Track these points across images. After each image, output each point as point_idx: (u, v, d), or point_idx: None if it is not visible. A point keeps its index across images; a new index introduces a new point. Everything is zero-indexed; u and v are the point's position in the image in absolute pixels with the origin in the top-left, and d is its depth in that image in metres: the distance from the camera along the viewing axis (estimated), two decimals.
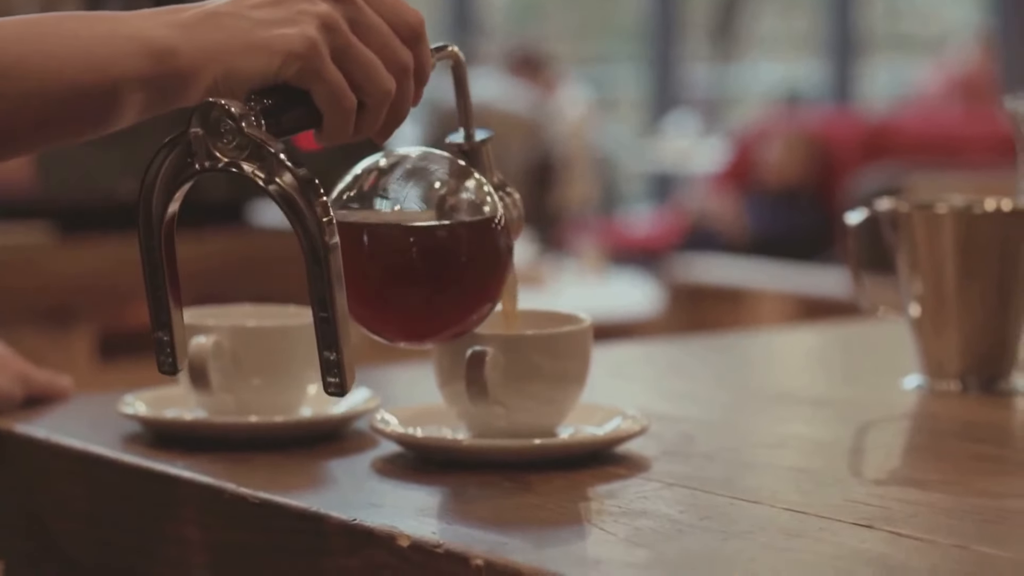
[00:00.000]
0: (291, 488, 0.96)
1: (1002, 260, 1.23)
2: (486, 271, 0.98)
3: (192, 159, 0.91)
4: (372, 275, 0.97)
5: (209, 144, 0.90)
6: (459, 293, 0.98)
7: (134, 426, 1.11)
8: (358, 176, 1.00)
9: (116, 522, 1.05)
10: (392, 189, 0.99)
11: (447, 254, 0.97)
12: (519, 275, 1.04)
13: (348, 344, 0.90)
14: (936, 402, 1.23)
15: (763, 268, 4.50)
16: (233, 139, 0.90)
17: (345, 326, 0.90)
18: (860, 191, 4.83)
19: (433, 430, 1.05)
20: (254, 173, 0.90)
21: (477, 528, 0.88)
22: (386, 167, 1.00)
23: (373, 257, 0.97)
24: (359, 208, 0.98)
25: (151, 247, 0.93)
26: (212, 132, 0.90)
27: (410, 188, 0.99)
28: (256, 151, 0.89)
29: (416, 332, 1.00)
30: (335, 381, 0.90)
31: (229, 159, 0.90)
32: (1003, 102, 1.34)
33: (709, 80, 8.13)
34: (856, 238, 1.29)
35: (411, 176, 0.99)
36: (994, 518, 0.90)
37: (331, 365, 0.90)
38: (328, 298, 0.89)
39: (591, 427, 1.05)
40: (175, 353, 0.94)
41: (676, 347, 1.66)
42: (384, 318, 0.99)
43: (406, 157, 1.00)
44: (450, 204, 0.98)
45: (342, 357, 0.90)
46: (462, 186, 0.99)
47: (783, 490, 0.95)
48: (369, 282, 0.97)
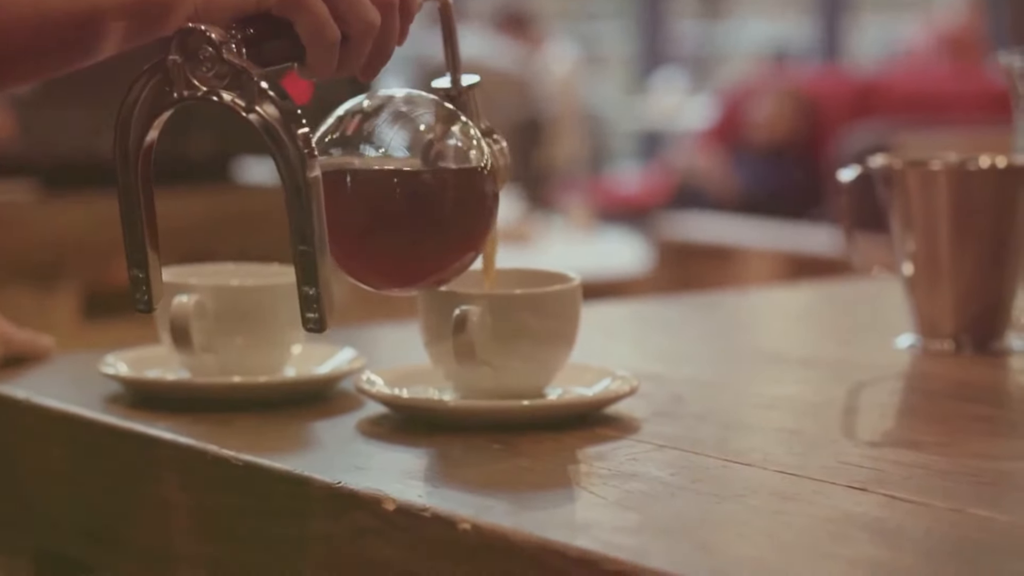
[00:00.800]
0: (274, 450, 0.94)
1: (997, 217, 1.22)
2: (472, 219, 0.96)
3: (171, 88, 0.89)
4: (356, 221, 0.94)
5: (188, 72, 0.88)
6: (444, 240, 0.96)
7: (116, 387, 1.09)
8: (341, 118, 0.97)
9: (96, 484, 1.03)
10: (377, 133, 0.96)
11: (432, 201, 0.95)
12: (505, 232, 1.03)
13: (328, 279, 0.88)
14: (929, 362, 1.21)
15: (751, 226, 4.49)
16: (212, 67, 0.88)
17: (325, 260, 0.88)
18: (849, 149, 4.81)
19: (419, 391, 1.03)
20: (234, 102, 0.88)
21: (464, 491, 0.86)
22: (370, 109, 0.97)
23: (357, 203, 0.94)
24: (342, 152, 0.96)
25: (127, 180, 0.90)
26: (191, 59, 0.88)
27: (395, 133, 0.96)
28: (236, 79, 0.88)
29: (399, 278, 0.98)
30: (314, 317, 0.88)
31: (208, 88, 0.88)
32: (997, 57, 1.32)
33: (697, 37, 8.10)
34: (848, 195, 1.27)
35: (396, 120, 0.97)
36: (990, 480, 0.88)
37: (310, 300, 0.88)
38: (308, 231, 0.87)
39: (580, 388, 1.04)
40: (151, 291, 0.92)
41: (665, 306, 1.64)
42: (367, 264, 0.97)
43: (391, 99, 0.97)
44: (436, 150, 0.96)
45: (321, 292, 0.88)
46: (449, 131, 0.96)
47: (775, 452, 0.94)
48: (353, 228, 0.94)
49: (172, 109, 0.89)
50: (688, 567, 0.72)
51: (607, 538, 0.77)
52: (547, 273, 1.05)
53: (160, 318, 1.07)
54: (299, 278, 0.88)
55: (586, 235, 4.90)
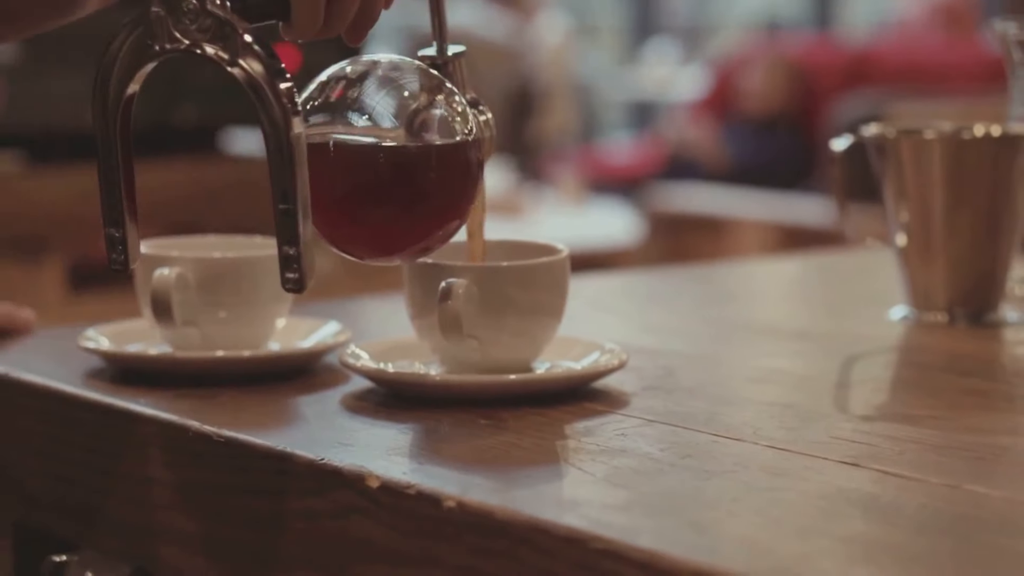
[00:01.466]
0: (257, 426, 0.93)
1: (991, 187, 1.20)
2: (457, 191, 0.94)
3: (152, 41, 0.87)
4: (339, 191, 0.92)
5: (171, 25, 0.86)
6: (428, 211, 0.94)
7: (98, 361, 1.07)
8: (325, 84, 0.95)
9: (77, 460, 1.01)
10: (360, 101, 0.94)
11: (416, 172, 0.93)
12: (496, 204, 1.01)
13: (309, 238, 0.86)
14: (923, 334, 1.20)
15: (743, 196, 4.47)
16: (196, 19, 0.86)
17: (306, 220, 0.86)
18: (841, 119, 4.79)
19: (405, 365, 1.01)
20: (217, 55, 0.86)
21: (449, 468, 0.85)
22: (354, 76, 0.95)
23: (340, 173, 0.92)
24: (325, 120, 0.93)
25: (106, 135, 0.88)
26: (174, 12, 0.86)
27: (379, 101, 0.94)
28: (220, 32, 0.85)
29: (382, 248, 0.96)
30: (294, 277, 0.86)
31: (191, 41, 0.86)
32: (992, 25, 1.31)
33: (689, 8, 8.07)
34: (841, 165, 1.26)
35: (381, 87, 0.94)
36: (985, 455, 0.86)
37: (290, 260, 0.86)
38: (290, 189, 0.85)
39: (568, 362, 1.02)
40: (127, 250, 0.90)
41: (656, 278, 1.63)
42: (350, 234, 0.94)
43: (376, 65, 0.95)
44: (421, 119, 0.94)
45: (302, 251, 0.86)
46: (434, 100, 0.94)
47: (766, 427, 0.92)
48: (335, 198, 0.92)
49: (154, 62, 0.87)
50: (678, 545, 0.71)
51: (595, 516, 0.75)
52: (535, 245, 1.03)
53: (141, 291, 1.05)
54: (280, 237, 0.86)
55: (577, 206, 4.88)
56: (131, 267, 0.90)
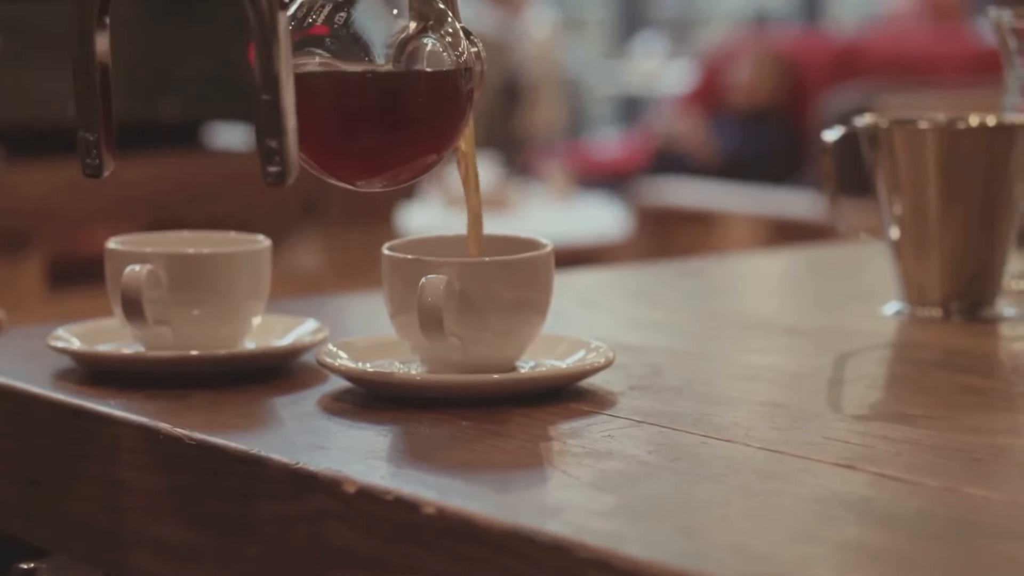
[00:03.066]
0: (230, 428, 0.90)
1: (987, 179, 1.17)
2: (445, 118, 0.92)
3: None
4: (327, 118, 0.90)
5: None
6: (416, 138, 0.92)
7: (68, 361, 1.04)
8: (309, 6, 0.91)
9: (45, 463, 0.98)
10: (349, 25, 0.91)
11: (406, 100, 0.91)
12: (484, 198, 0.99)
13: (292, 130, 0.83)
14: (917, 330, 1.17)
15: (732, 190, 4.44)
16: None
17: (290, 110, 0.83)
18: (830, 112, 4.77)
19: (384, 364, 0.98)
20: None
21: (429, 472, 0.82)
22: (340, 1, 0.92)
23: (328, 100, 0.90)
24: (312, 44, 0.91)
25: (83, 25, 0.85)
26: None
27: (368, 25, 0.91)
28: None
29: (368, 172, 0.94)
30: (276, 171, 0.83)
31: None
32: (986, 14, 1.28)
33: (676, 0, 8.04)
34: (833, 157, 1.23)
35: (370, 10, 0.92)
36: (984, 457, 0.84)
37: (272, 153, 0.83)
38: (273, 78, 0.82)
39: (553, 360, 0.99)
40: (102, 155, 0.86)
41: (645, 273, 1.59)
42: (337, 159, 0.92)
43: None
44: (412, 47, 0.91)
45: (285, 143, 0.83)
46: (426, 26, 0.91)
47: (758, 427, 0.89)
48: (324, 124, 0.90)
49: None
50: (667, 553, 0.68)
51: (580, 522, 0.72)
52: (518, 239, 1.00)
53: (112, 289, 1.02)
54: (260, 129, 0.83)
55: (565, 201, 4.86)
56: (105, 173, 0.86)
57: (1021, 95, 1.26)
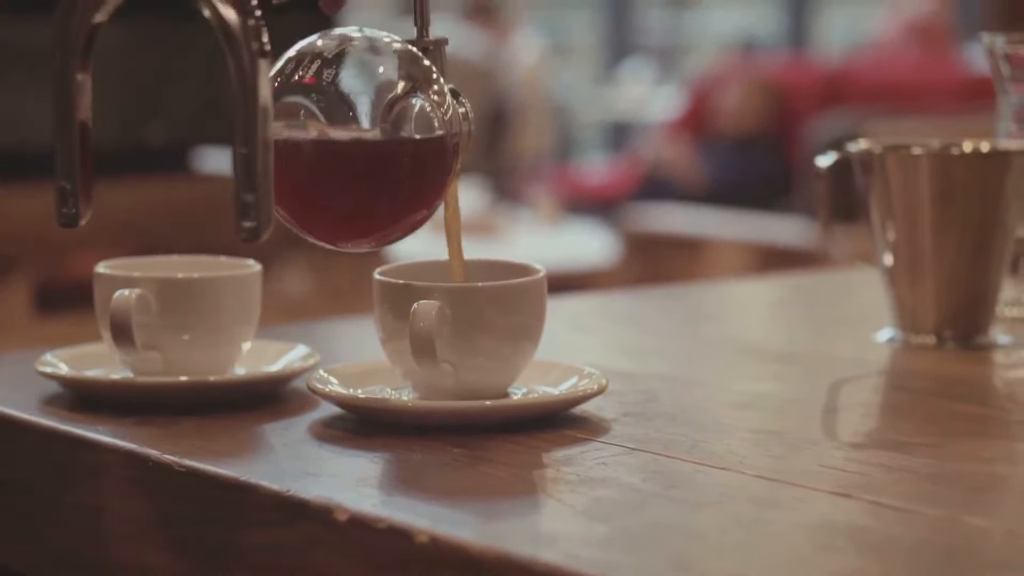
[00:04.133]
0: (220, 455, 0.89)
1: (980, 205, 1.16)
2: (432, 183, 0.92)
3: None
4: (312, 182, 0.90)
5: None
6: (401, 203, 0.91)
7: (56, 387, 1.03)
8: (296, 61, 0.91)
9: (31, 489, 0.97)
10: (335, 86, 0.90)
11: (392, 168, 0.90)
12: (471, 224, 0.98)
13: (268, 185, 0.82)
14: (911, 357, 1.16)
15: (720, 217, 4.44)
16: None
17: (267, 164, 0.82)
18: (817, 138, 4.77)
19: (376, 391, 0.97)
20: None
21: (421, 500, 0.81)
22: (329, 55, 0.91)
23: (314, 164, 0.90)
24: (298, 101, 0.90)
25: (65, 70, 0.84)
26: None
27: (355, 88, 0.90)
28: None
29: (352, 236, 0.93)
30: (250, 226, 0.82)
31: None
32: (980, 40, 1.27)
33: (664, 27, 8.05)
34: (826, 183, 1.22)
35: (357, 72, 0.91)
36: (982, 485, 0.83)
37: (248, 208, 0.82)
38: (252, 131, 0.81)
39: (546, 387, 0.98)
40: (79, 204, 0.85)
41: (634, 299, 1.59)
42: (320, 221, 0.92)
43: (352, 43, 0.91)
44: (399, 110, 0.90)
45: (261, 198, 0.81)
46: (413, 89, 0.91)
47: (753, 455, 0.88)
48: (308, 188, 0.90)
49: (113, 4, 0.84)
50: None
51: (575, 551, 0.71)
52: (511, 264, 1.00)
53: (100, 314, 1.01)
54: (237, 184, 0.82)
55: (553, 227, 4.85)
56: (81, 222, 0.86)
57: (1014, 121, 1.25)
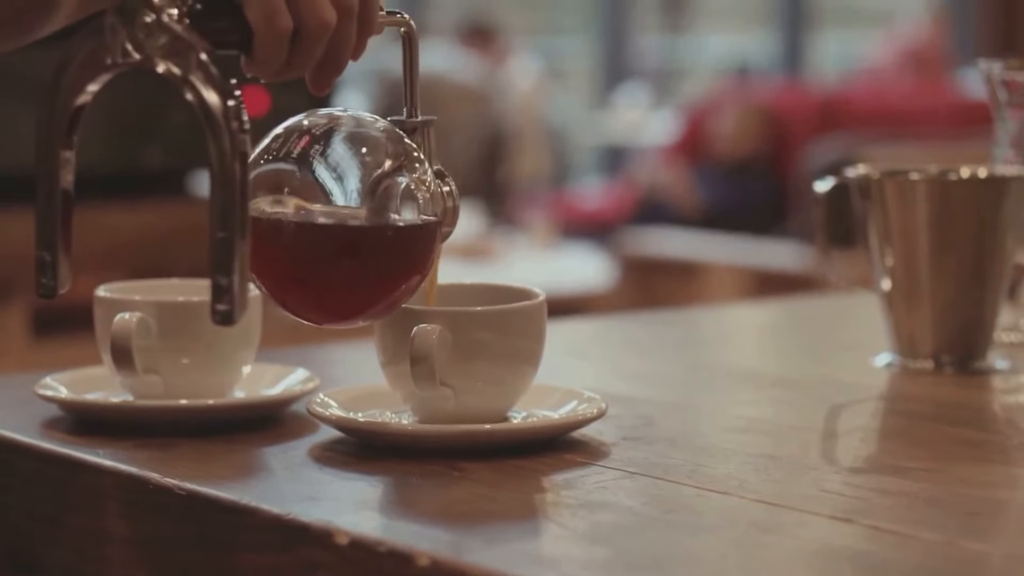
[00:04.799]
0: (220, 478, 0.89)
1: (978, 231, 1.17)
2: (416, 265, 0.93)
3: (106, 53, 0.84)
4: (295, 264, 0.91)
5: (126, 38, 0.83)
6: (385, 285, 0.92)
7: (55, 410, 1.03)
8: (283, 138, 0.92)
9: (31, 512, 0.97)
10: (321, 167, 0.91)
11: (376, 253, 0.91)
12: (467, 248, 0.99)
13: (245, 268, 0.82)
14: (909, 382, 1.16)
15: (716, 241, 4.45)
16: (151, 34, 0.83)
17: (244, 248, 0.82)
18: (813, 163, 4.78)
19: (376, 414, 0.97)
20: (169, 71, 0.83)
21: (422, 523, 0.81)
22: (317, 133, 0.91)
23: (297, 247, 0.91)
24: (283, 179, 0.90)
25: (49, 145, 0.85)
26: (130, 24, 0.83)
27: (340, 168, 0.91)
28: (174, 48, 0.82)
29: (336, 316, 0.94)
30: (224, 309, 0.82)
31: (144, 55, 0.83)
32: (977, 64, 1.28)
33: (660, 51, 8.07)
34: (824, 208, 1.22)
35: (343, 152, 0.91)
36: (981, 510, 0.83)
37: (222, 291, 0.82)
38: (230, 216, 0.82)
39: (545, 410, 0.98)
40: (58, 275, 0.86)
41: (631, 323, 1.59)
42: (305, 302, 0.93)
43: (339, 123, 0.92)
44: (383, 192, 0.91)
45: (235, 280, 0.82)
46: (398, 171, 0.91)
47: (753, 479, 0.88)
48: (291, 270, 0.91)
49: (107, 75, 0.85)
50: None
51: (576, 574, 0.71)
52: (510, 288, 1.00)
53: (101, 337, 1.01)
54: (213, 266, 0.82)
55: (549, 251, 4.85)
56: (59, 293, 0.87)
57: (1011, 147, 1.26)
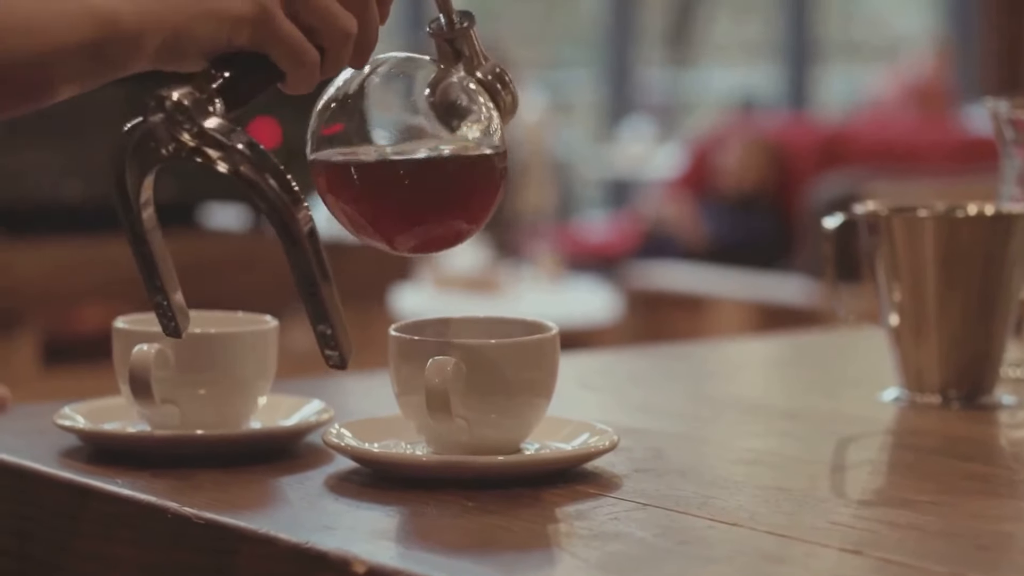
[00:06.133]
0: (238, 508, 0.90)
1: (985, 267, 1.18)
2: (481, 197, 0.94)
3: (156, 144, 0.89)
4: (363, 207, 0.94)
5: (170, 132, 0.88)
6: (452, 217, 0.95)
7: (73, 439, 1.04)
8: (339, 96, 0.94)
9: (51, 541, 0.98)
10: (378, 116, 0.94)
11: (441, 189, 0.93)
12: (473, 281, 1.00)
13: (340, 313, 0.89)
14: (916, 416, 1.18)
15: (721, 275, 4.46)
16: (192, 126, 0.88)
17: (333, 299, 0.89)
18: (817, 198, 4.79)
19: (390, 445, 0.99)
20: (218, 161, 0.88)
21: (437, 553, 0.82)
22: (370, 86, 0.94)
23: (363, 193, 0.93)
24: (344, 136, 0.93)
25: (133, 227, 0.91)
26: (171, 121, 0.88)
27: (393, 112, 0.94)
28: (215, 143, 0.88)
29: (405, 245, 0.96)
30: (334, 354, 0.90)
31: (193, 146, 0.88)
32: (984, 102, 1.29)
33: (665, 85, 8.09)
34: (832, 243, 1.24)
35: (395, 98, 0.94)
36: (990, 543, 0.84)
37: (327, 339, 0.89)
38: (311, 275, 0.88)
39: (558, 442, 0.99)
40: (175, 316, 0.93)
41: (638, 357, 1.60)
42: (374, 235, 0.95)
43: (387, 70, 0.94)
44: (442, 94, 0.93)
45: (336, 327, 0.89)
46: (455, 111, 0.93)
47: (763, 511, 0.89)
48: (360, 210, 0.94)
49: (159, 166, 0.90)
50: None
51: None
52: (522, 321, 1.01)
53: (119, 368, 1.02)
54: (312, 318, 0.89)
55: (554, 284, 4.86)
56: (183, 331, 0.93)
57: (1018, 185, 1.27)
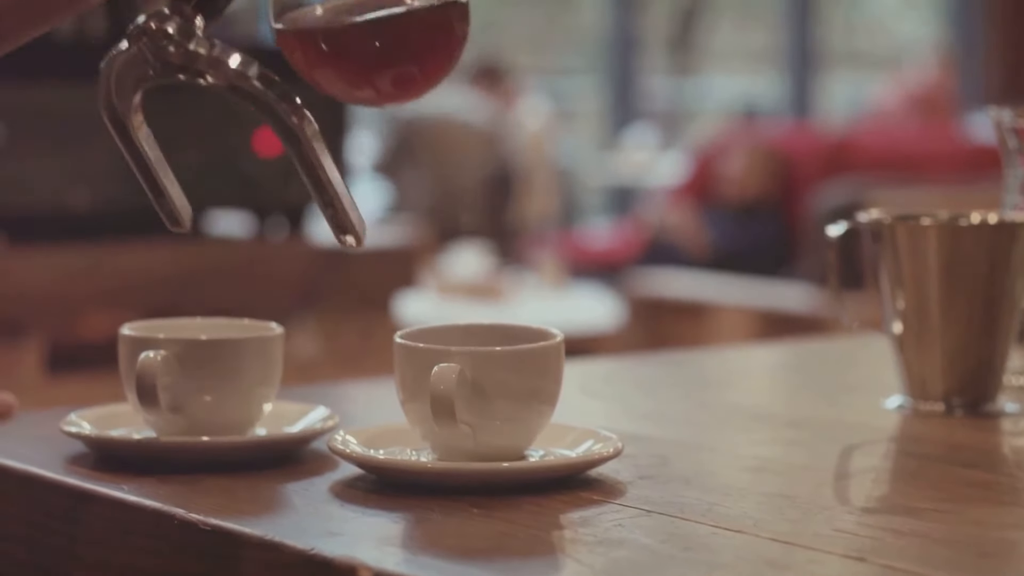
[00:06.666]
0: (244, 514, 0.90)
1: (988, 276, 1.18)
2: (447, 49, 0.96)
3: (144, 66, 0.90)
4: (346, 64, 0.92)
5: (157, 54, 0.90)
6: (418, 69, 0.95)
7: (79, 446, 1.05)
8: None
9: (57, 548, 0.98)
10: None
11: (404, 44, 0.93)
12: (476, 288, 1.00)
13: (347, 197, 0.90)
14: (920, 424, 1.18)
15: (724, 282, 4.46)
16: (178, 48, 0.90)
17: (341, 183, 0.90)
18: (820, 206, 4.80)
19: (396, 452, 0.99)
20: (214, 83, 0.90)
21: (442, 559, 0.82)
22: None
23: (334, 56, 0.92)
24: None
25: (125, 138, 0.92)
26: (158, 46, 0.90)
27: None
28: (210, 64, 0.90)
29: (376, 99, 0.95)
30: (348, 237, 0.91)
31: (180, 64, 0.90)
32: (987, 111, 1.30)
33: (668, 93, 8.10)
34: (836, 251, 1.24)
35: None
36: (993, 551, 0.84)
37: (338, 221, 0.91)
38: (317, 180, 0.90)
39: (562, 449, 1.00)
40: (176, 210, 0.94)
41: (642, 364, 1.60)
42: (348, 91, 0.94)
43: None
44: None
45: (344, 209, 0.90)
46: None
47: (767, 518, 0.90)
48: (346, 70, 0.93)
49: (149, 84, 0.91)
50: None
51: None
52: (527, 329, 1.01)
53: (125, 375, 1.02)
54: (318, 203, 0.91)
55: (557, 291, 4.87)
56: (186, 225, 0.94)
57: (1021, 193, 1.27)
